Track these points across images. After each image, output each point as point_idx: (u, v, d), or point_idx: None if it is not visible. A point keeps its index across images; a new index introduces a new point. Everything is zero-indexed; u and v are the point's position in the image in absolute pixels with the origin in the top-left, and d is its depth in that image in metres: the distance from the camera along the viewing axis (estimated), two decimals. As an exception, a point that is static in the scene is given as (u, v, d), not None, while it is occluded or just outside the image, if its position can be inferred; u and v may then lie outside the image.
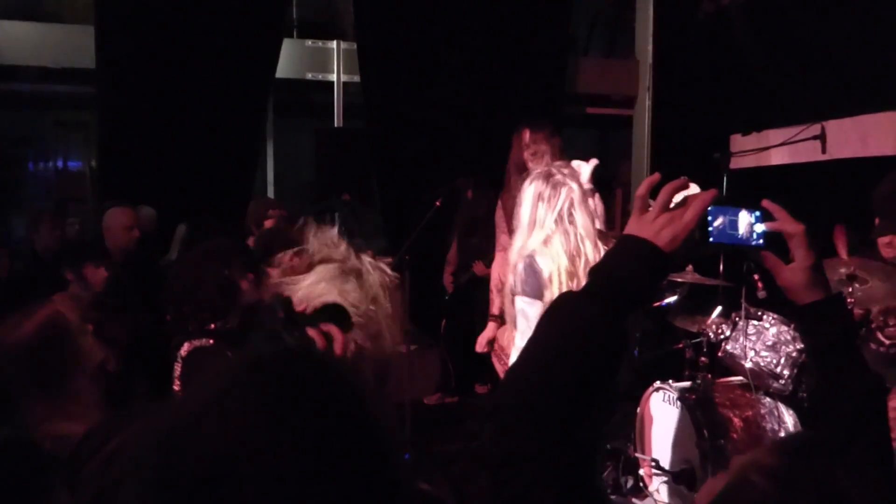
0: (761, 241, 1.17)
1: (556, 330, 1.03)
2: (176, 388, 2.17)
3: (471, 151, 5.68)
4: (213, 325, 2.20)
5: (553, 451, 0.95)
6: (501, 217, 3.63)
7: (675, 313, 3.85)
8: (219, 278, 2.25)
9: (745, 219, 1.16)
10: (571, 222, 2.64)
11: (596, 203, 3.54)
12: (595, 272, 1.05)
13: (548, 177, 2.69)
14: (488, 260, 4.40)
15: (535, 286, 2.57)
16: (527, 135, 3.44)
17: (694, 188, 1.13)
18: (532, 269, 2.58)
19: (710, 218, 1.12)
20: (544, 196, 2.66)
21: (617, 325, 1.01)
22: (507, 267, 3.55)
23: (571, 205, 2.65)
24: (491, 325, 3.47)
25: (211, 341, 2.18)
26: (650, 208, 1.09)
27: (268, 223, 4.18)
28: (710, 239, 1.13)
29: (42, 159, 7.20)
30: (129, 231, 3.99)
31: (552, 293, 2.53)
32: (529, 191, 2.69)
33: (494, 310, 3.53)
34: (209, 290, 2.22)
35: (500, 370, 3.39)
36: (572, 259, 2.58)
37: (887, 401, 1.21)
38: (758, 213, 1.17)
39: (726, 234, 1.15)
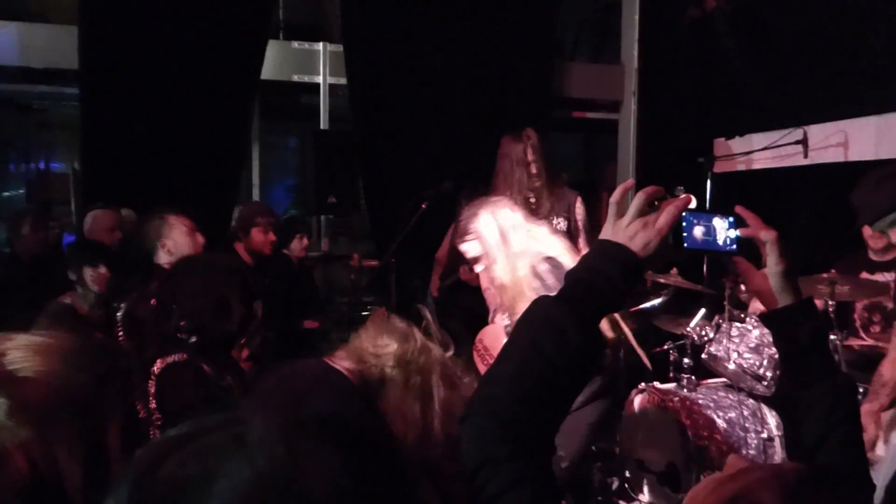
0: (734, 246, 1.20)
1: (529, 335, 1.04)
2: (152, 405, 2.14)
3: (457, 154, 5.70)
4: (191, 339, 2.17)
5: (527, 455, 0.96)
6: None
7: (659, 316, 3.89)
8: (219, 299, 2.22)
9: (718, 225, 1.19)
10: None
11: (578, 206, 3.59)
12: (569, 277, 1.07)
13: (487, 204, 2.79)
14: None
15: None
16: (535, 137, 3.48)
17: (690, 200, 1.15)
18: (558, 269, 2.62)
19: (684, 224, 1.14)
20: (500, 213, 2.73)
21: (590, 330, 1.03)
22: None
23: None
24: None
25: (184, 356, 2.15)
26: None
27: (255, 231, 4.14)
28: (685, 245, 1.15)
29: (24, 161, 7.14)
30: (111, 233, 3.99)
31: None
32: (484, 219, 2.75)
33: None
34: (208, 309, 2.19)
35: (483, 370, 3.40)
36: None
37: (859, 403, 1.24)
38: (731, 219, 1.20)
39: (700, 239, 1.17)
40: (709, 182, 4.69)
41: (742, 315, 3.30)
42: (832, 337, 2.91)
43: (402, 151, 5.77)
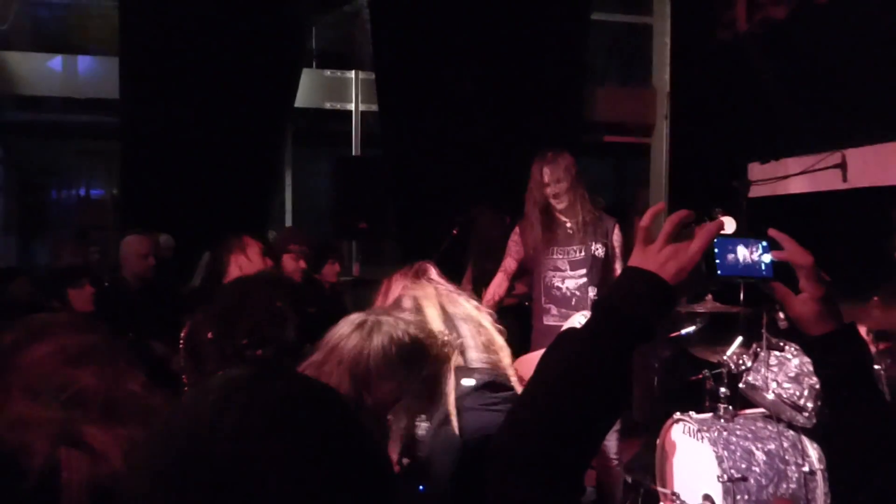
0: (770, 272, 1.15)
1: (555, 371, 0.99)
2: None
3: (488, 180, 5.69)
4: (256, 352, 2.20)
5: (558, 497, 0.93)
6: (515, 242, 3.63)
7: (694, 343, 3.80)
8: (275, 310, 2.25)
9: (752, 250, 1.15)
10: None
11: (616, 233, 3.55)
12: (597, 307, 1.02)
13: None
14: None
15: None
16: (555, 157, 3.45)
17: (729, 223, 1.11)
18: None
19: (716, 250, 1.10)
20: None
21: (619, 364, 0.97)
22: (502, 286, 3.58)
23: None
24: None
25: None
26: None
27: (287, 257, 4.11)
28: (718, 272, 1.11)
29: (65, 187, 7.31)
30: (144, 259, 4.02)
31: None
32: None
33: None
34: (264, 320, 2.22)
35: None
36: None
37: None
38: (765, 244, 1.15)
39: (734, 265, 1.12)
40: (743, 207, 4.61)
41: (781, 343, 3.20)
42: (876, 367, 2.81)
43: (432, 177, 5.78)
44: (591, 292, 3.42)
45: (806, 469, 3.03)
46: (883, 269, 3.29)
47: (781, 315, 3.16)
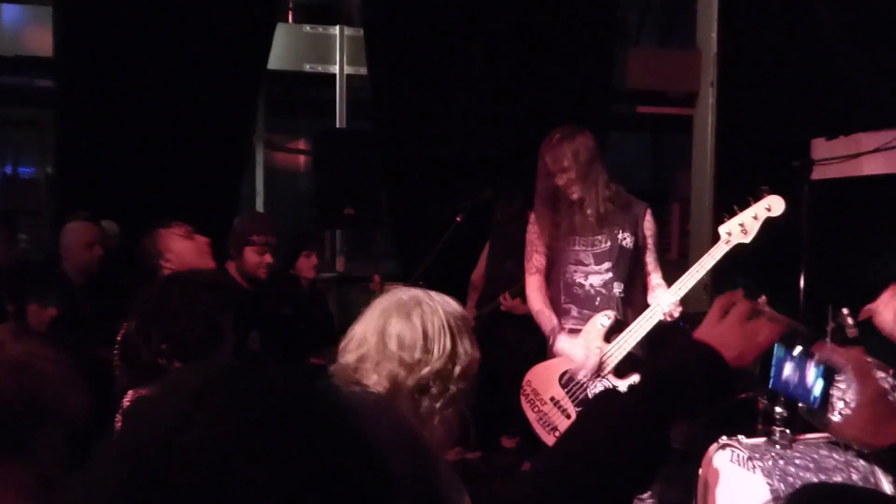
0: (819, 402, 1.32)
1: (591, 430, 1.12)
2: None
3: (498, 158, 5.70)
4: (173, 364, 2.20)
5: None
6: (535, 234, 3.64)
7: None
8: (208, 321, 2.25)
9: (808, 374, 1.31)
10: None
11: (647, 219, 3.56)
12: (649, 374, 1.18)
13: None
14: (517, 289, 4.39)
15: None
16: (561, 137, 3.46)
17: (777, 203, 1.21)
18: None
19: (774, 361, 1.25)
20: None
21: (659, 434, 1.10)
22: (543, 289, 3.58)
23: None
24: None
25: None
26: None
27: (249, 251, 4.04)
28: (770, 383, 1.30)
29: (-12, 164, 7.32)
30: (89, 249, 4.05)
31: None
32: None
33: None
34: (194, 331, 2.21)
35: (533, 417, 3.39)
36: None
37: None
38: (822, 369, 1.32)
39: (786, 383, 1.30)
40: (806, 192, 4.63)
41: (849, 355, 3.23)
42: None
43: (432, 154, 5.79)
44: (617, 289, 3.43)
45: (878, 505, 3.06)
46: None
47: (850, 321, 3.19)
